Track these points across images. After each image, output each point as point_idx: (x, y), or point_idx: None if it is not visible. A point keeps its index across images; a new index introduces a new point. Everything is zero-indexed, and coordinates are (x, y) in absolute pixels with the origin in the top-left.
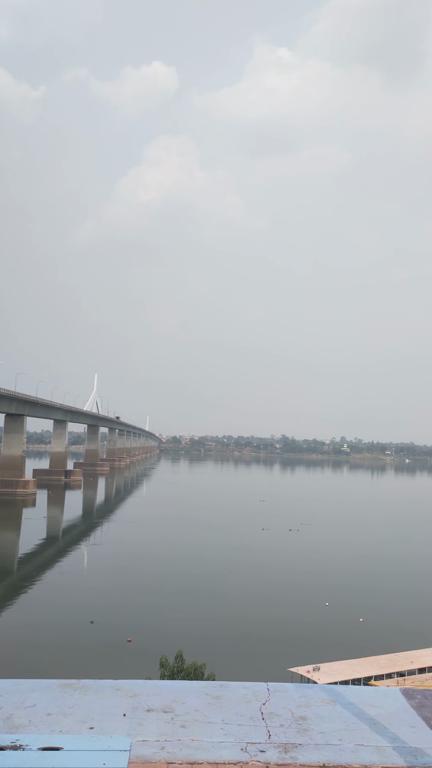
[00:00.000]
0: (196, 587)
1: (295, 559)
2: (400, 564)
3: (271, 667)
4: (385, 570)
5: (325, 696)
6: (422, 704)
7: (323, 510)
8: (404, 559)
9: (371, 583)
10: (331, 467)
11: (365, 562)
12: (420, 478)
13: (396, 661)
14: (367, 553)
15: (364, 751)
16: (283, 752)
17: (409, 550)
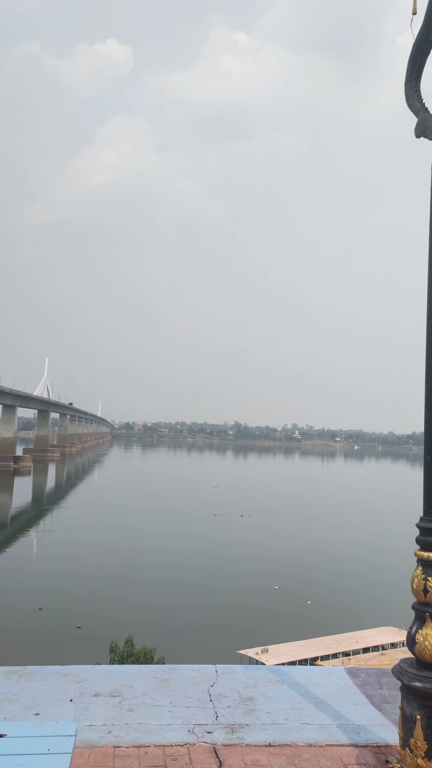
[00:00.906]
0: (148, 573)
1: (246, 545)
2: (347, 549)
3: (220, 650)
4: (332, 555)
5: (272, 677)
6: (365, 682)
7: (274, 496)
8: (351, 544)
9: (319, 567)
10: (282, 454)
11: (314, 547)
12: (368, 463)
13: (342, 641)
14: (317, 538)
15: (309, 729)
16: (230, 733)
17: (356, 535)
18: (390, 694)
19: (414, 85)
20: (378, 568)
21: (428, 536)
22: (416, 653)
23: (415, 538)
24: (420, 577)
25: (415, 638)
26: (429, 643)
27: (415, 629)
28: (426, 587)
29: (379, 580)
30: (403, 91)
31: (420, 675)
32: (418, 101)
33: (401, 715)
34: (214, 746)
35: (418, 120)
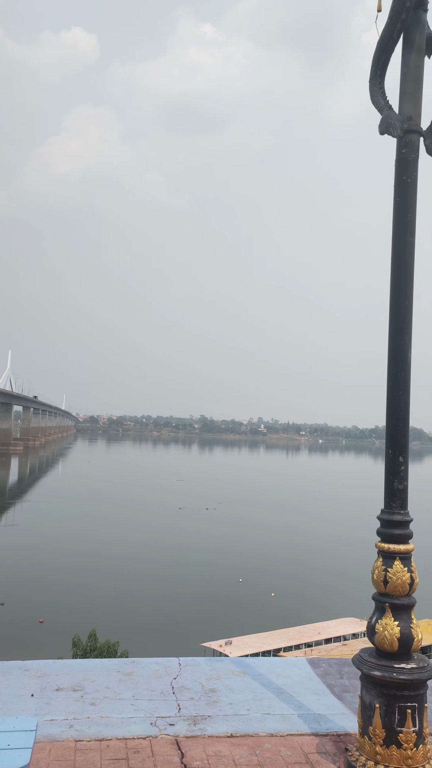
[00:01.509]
0: (113, 567)
1: (211, 538)
2: (310, 541)
3: (185, 642)
4: (296, 547)
5: (234, 668)
6: (327, 672)
7: (239, 489)
8: (315, 536)
9: (283, 559)
10: (248, 447)
11: (278, 540)
12: (331, 457)
13: (304, 632)
14: (281, 531)
15: (270, 719)
16: (192, 724)
17: (320, 528)
18: (350, 684)
19: (378, 82)
20: (341, 560)
21: (388, 528)
22: (375, 643)
23: (376, 530)
24: (380, 568)
25: (375, 628)
26: (388, 633)
27: (375, 619)
28: (386, 578)
29: (341, 572)
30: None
31: (379, 664)
32: (382, 98)
33: (360, 704)
34: (177, 738)
35: (382, 117)
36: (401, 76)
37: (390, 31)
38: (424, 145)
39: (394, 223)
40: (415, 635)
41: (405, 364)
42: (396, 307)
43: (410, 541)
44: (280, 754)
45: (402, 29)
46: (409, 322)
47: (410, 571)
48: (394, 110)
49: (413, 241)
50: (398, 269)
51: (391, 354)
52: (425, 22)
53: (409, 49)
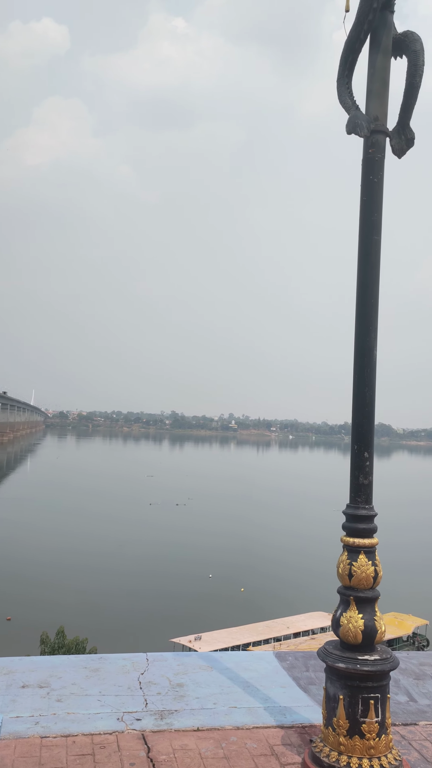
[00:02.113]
0: (82, 563)
1: (182, 533)
2: (280, 536)
3: (154, 638)
4: (266, 542)
5: (202, 663)
6: (293, 665)
7: (210, 485)
8: (284, 531)
9: (253, 554)
10: (219, 443)
11: (248, 535)
12: (301, 452)
13: (273, 627)
14: (251, 526)
15: (237, 712)
16: (159, 719)
17: (289, 522)
18: (316, 676)
19: (346, 82)
20: (309, 555)
21: (353, 523)
22: (340, 635)
23: (342, 524)
24: (345, 562)
25: (340, 621)
26: (352, 626)
27: (340, 612)
28: (351, 572)
29: (310, 566)
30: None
31: (343, 656)
32: (349, 98)
33: (325, 696)
34: (143, 733)
35: (349, 117)
36: (368, 77)
37: (357, 32)
38: (390, 146)
39: (361, 222)
40: (379, 627)
41: (371, 361)
42: (362, 305)
43: (375, 535)
44: (246, 747)
45: (369, 30)
46: (374, 319)
47: (374, 564)
48: (361, 110)
49: (379, 239)
50: (364, 267)
51: (357, 351)
52: (392, 23)
53: (376, 50)
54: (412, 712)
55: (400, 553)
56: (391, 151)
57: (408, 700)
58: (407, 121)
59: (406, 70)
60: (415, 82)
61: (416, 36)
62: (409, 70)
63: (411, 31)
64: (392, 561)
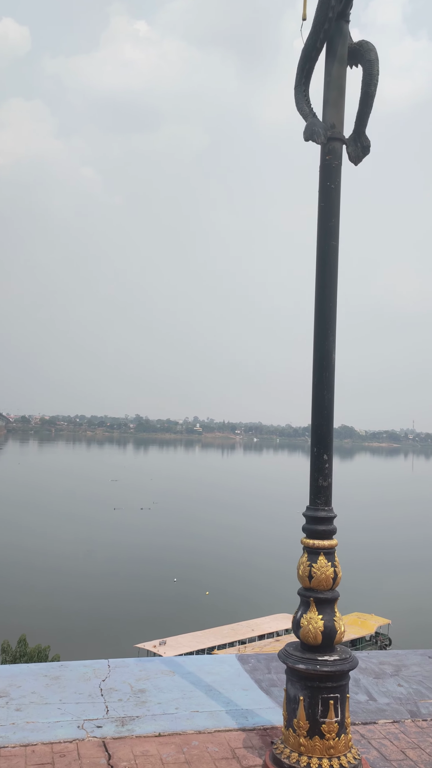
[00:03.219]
0: (45, 569)
1: (146, 538)
2: (244, 538)
3: (118, 644)
4: (230, 545)
5: (164, 668)
6: (255, 668)
7: (175, 488)
8: (248, 534)
9: (218, 557)
10: (183, 446)
11: (213, 538)
12: (266, 455)
13: (238, 630)
14: (215, 529)
15: (198, 717)
16: (120, 726)
17: (253, 525)
18: (278, 678)
19: (303, 89)
20: (274, 556)
21: (313, 524)
22: (300, 637)
23: (302, 526)
24: (305, 564)
25: (300, 622)
26: (312, 627)
27: (300, 614)
28: (311, 573)
29: (274, 568)
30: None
31: (304, 657)
32: (306, 106)
33: (286, 697)
34: (104, 740)
35: (306, 124)
36: (324, 85)
37: (314, 40)
38: (347, 153)
39: (319, 228)
40: (338, 628)
41: (329, 365)
42: (321, 310)
43: (334, 536)
44: (207, 751)
45: (325, 39)
46: (333, 324)
47: (334, 565)
48: (318, 118)
49: (337, 245)
50: (323, 272)
51: (316, 355)
52: (347, 33)
53: (332, 58)
54: (371, 711)
55: (362, 553)
56: (347, 158)
57: (368, 699)
58: (363, 129)
59: (362, 79)
60: (370, 91)
61: (371, 46)
62: (364, 79)
63: (366, 41)
64: (355, 561)
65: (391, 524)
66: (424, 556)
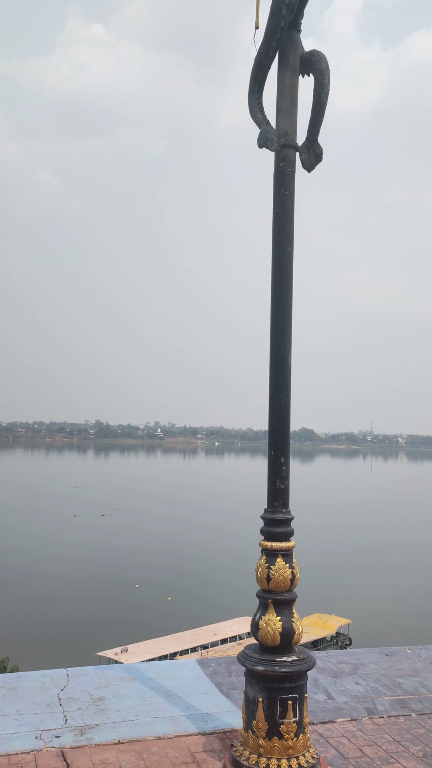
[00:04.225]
0: (4, 578)
1: (107, 544)
2: (205, 544)
3: (79, 653)
4: (191, 550)
5: (124, 675)
6: (216, 671)
7: (136, 494)
8: (209, 539)
9: (179, 562)
10: (145, 452)
11: (174, 543)
12: (227, 459)
13: (200, 634)
14: (176, 534)
15: (158, 722)
16: (79, 735)
17: (213, 530)
18: (238, 681)
19: (256, 97)
20: (234, 561)
21: (271, 527)
22: (259, 638)
23: (260, 529)
24: (263, 566)
25: (259, 624)
26: (271, 629)
27: (259, 616)
28: (269, 575)
29: (235, 572)
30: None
31: (262, 659)
32: (260, 113)
33: (245, 699)
34: (62, 750)
35: (260, 131)
36: (277, 93)
37: (266, 49)
38: (300, 160)
39: (274, 233)
40: (296, 629)
41: (285, 368)
42: (276, 314)
43: (292, 538)
44: (167, 757)
45: (277, 48)
46: (288, 328)
47: (291, 567)
48: (271, 125)
49: (291, 250)
50: (278, 277)
51: (273, 358)
52: (299, 42)
53: (285, 67)
54: (330, 710)
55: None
56: (300, 166)
57: (326, 699)
58: (315, 137)
59: (313, 88)
60: (321, 100)
61: (322, 56)
62: (316, 88)
63: (317, 50)
64: (316, 563)
65: (351, 527)
66: (382, 557)
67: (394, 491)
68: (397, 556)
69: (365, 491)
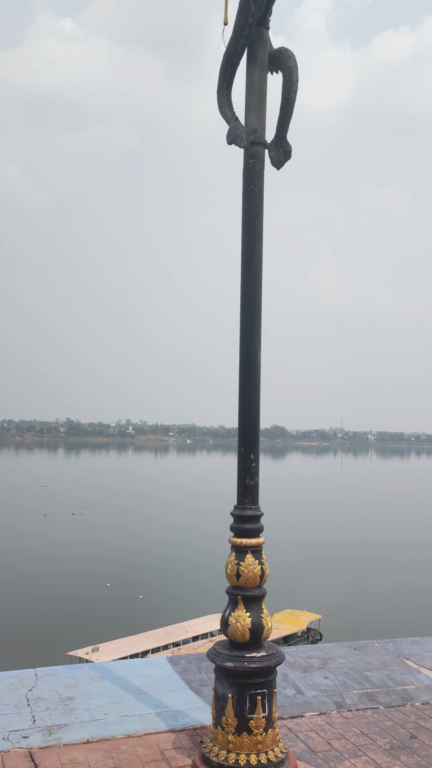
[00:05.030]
0: None
1: (78, 543)
2: (177, 541)
3: (49, 653)
4: (163, 547)
5: (94, 674)
6: (186, 669)
7: (107, 492)
8: (181, 536)
9: (151, 560)
10: (116, 450)
11: (146, 541)
12: (199, 457)
13: (172, 632)
14: (148, 532)
15: (128, 721)
16: (47, 735)
17: (185, 527)
18: (208, 678)
19: (225, 93)
20: (206, 557)
21: (241, 523)
22: (228, 635)
23: (230, 525)
24: (233, 563)
25: (228, 621)
26: (240, 625)
27: (228, 612)
28: (239, 571)
29: (207, 569)
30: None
31: (232, 655)
32: (229, 110)
33: (214, 696)
34: (30, 750)
35: (229, 128)
36: (246, 90)
37: (234, 46)
38: (269, 157)
39: (243, 230)
40: (266, 624)
41: (255, 366)
42: (246, 311)
43: (261, 534)
44: (137, 755)
45: (246, 44)
46: (258, 325)
47: (261, 563)
48: (240, 122)
49: (261, 247)
50: (247, 275)
51: (242, 356)
52: (267, 39)
53: (253, 64)
54: (299, 705)
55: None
56: (270, 163)
57: (295, 693)
58: (284, 135)
59: (282, 86)
60: (290, 97)
61: (290, 53)
62: (285, 85)
63: (285, 48)
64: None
65: (322, 523)
66: (352, 553)
67: (365, 488)
68: (366, 551)
69: (336, 488)
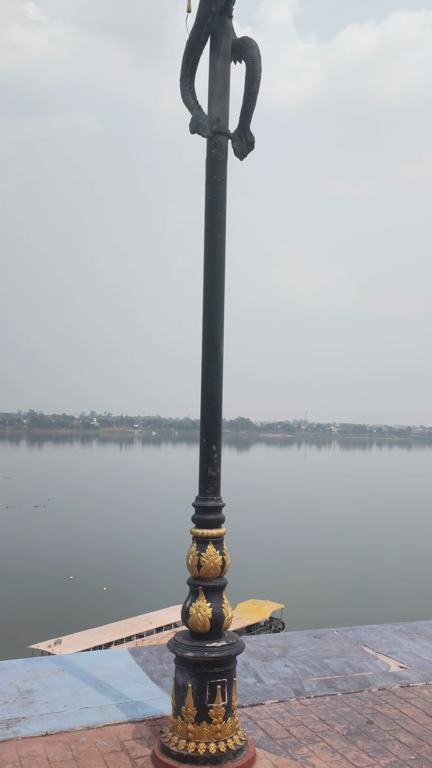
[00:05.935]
0: None
1: (40, 536)
2: (140, 532)
3: (10, 646)
4: (126, 538)
5: (54, 666)
6: (147, 660)
7: (70, 485)
8: (144, 527)
9: (114, 552)
10: (80, 442)
11: (108, 533)
12: (164, 448)
13: (136, 624)
14: (111, 524)
15: (88, 713)
16: (5, 728)
17: (148, 518)
18: (169, 668)
19: (188, 82)
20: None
21: (201, 514)
22: (189, 625)
23: (191, 516)
24: (194, 553)
25: (189, 611)
26: (201, 615)
27: (189, 602)
28: (200, 562)
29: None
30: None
31: (192, 645)
32: (192, 98)
33: (174, 686)
34: None
35: (192, 117)
36: (209, 79)
37: (197, 33)
38: (233, 148)
39: (206, 221)
40: (226, 614)
41: (217, 357)
42: (208, 303)
43: (222, 525)
44: (96, 746)
45: (209, 33)
46: (221, 316)
47: (222, 554)
48: (203, 111)
49: (224, 238)
50: (210, 265)
51: (205, 347)
52: (230, 28)
53: (216, 52)
54: (258, 693)
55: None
56: (233, 153)
57: (256, 682)
58: (247, 125)
59: (245, 76)
60: (253, 88)
61: (253, 43)
62: (248, 75)
63: (249, 37)
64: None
65: (284, 513)
66: (314, 543)
67: (326, 478)
68: (328, 541)
69: (299, 478)
